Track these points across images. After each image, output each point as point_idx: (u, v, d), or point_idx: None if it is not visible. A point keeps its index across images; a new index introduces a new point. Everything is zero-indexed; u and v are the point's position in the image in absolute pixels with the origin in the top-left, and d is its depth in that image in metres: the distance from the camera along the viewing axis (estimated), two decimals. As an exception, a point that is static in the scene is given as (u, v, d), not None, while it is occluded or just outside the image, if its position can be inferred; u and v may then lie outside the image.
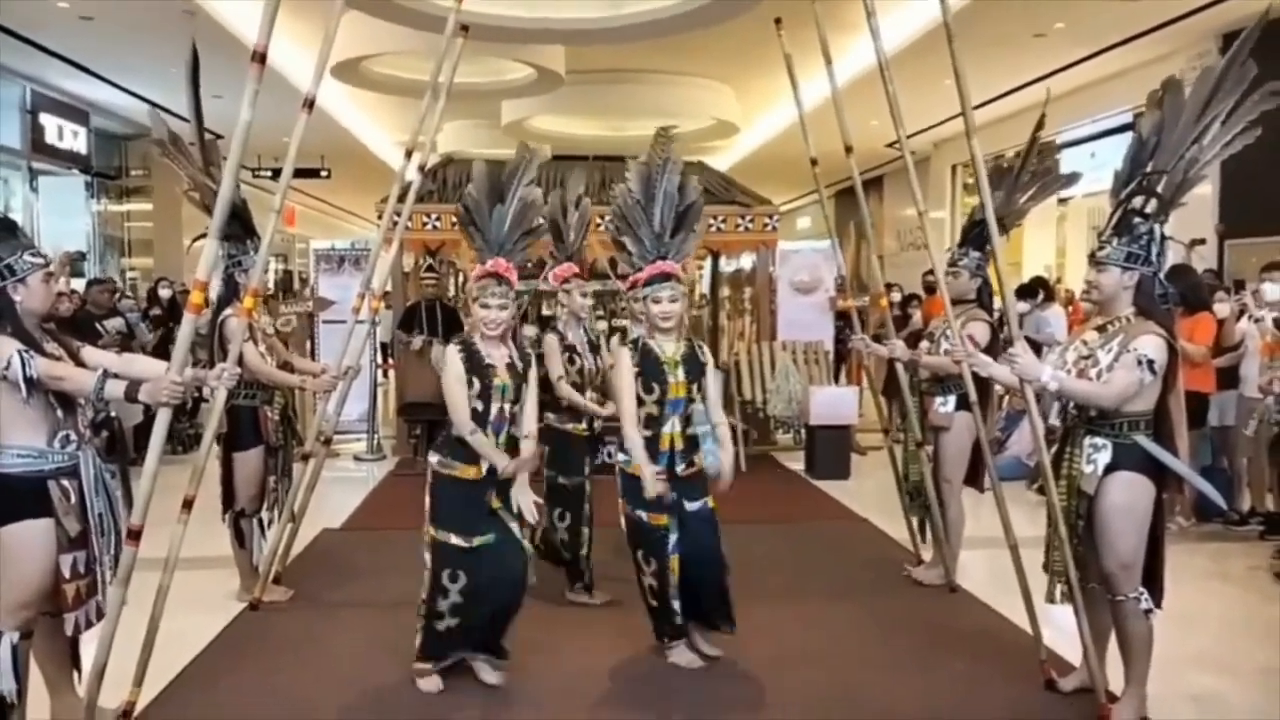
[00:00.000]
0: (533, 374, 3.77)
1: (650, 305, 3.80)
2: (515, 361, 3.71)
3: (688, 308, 3.86)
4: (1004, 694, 3.73)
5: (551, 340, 4.73)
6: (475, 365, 3.61)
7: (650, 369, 3.79)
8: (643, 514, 3.80)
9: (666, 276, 3.82)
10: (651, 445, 3.76)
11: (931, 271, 10.45)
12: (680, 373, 3.82)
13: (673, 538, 3.79)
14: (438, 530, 3.64)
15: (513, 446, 3.70)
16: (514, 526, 3.67)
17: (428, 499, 3.68)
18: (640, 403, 3.77)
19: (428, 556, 3.66)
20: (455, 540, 3.60)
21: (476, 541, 3.61)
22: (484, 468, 3.60)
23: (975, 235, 4.75)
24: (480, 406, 3.60)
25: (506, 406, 3.66)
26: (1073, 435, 3.46)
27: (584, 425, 4.77)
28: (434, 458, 3.69)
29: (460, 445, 3.61)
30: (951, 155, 15.21)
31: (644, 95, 12.36)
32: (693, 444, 3.85)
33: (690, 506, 3.83)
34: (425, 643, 3.72)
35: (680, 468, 3.82)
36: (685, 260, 4.03)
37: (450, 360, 3.63)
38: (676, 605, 3.83)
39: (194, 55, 3.76)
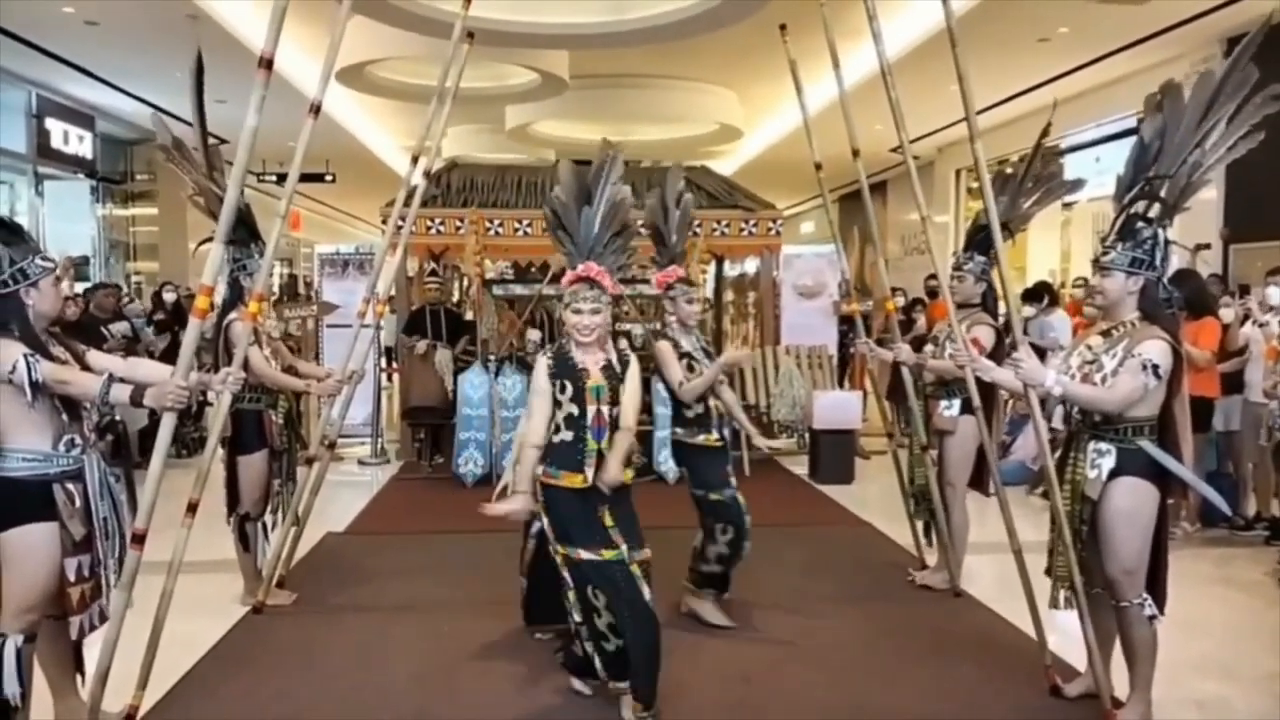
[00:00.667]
0: (632, 374, 3.62)
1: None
2: (613, 364, 3.58)
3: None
4: (1009, 700, 3.72)
5: (665, 347, 4.49)
6: (566, 370, 3.50)
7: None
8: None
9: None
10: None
11: (934, 276, 10.47)
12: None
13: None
14: (565, 546, 3.49)
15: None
16: (623, 549, 3.45)
17: (545, 518, 3.54)
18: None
19: (566, 576, 3.50)
20: (585, 554, 3.44)
21: (606, 555, 3.43)
22: (588, 475, 3.46)
23: (980, 240, 4.74)
24: (576, 410, 3.48)
25: (605, 409, 3.51)
26: (1077, 440, 3.45)
27: (715, 435, 4.50)
28: (539, 469, 3.54)
29: (562, 452, 3.50)
30: (955, 160, 15.21)
31: (647, 100, 12.38)
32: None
33: None
34: (604, 667, 3.53)
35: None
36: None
37: (537, 372, 3.56)
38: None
39: (199, 61, 3.77)
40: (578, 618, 3.52)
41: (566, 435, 3.51)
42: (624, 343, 3.81)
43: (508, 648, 4.21)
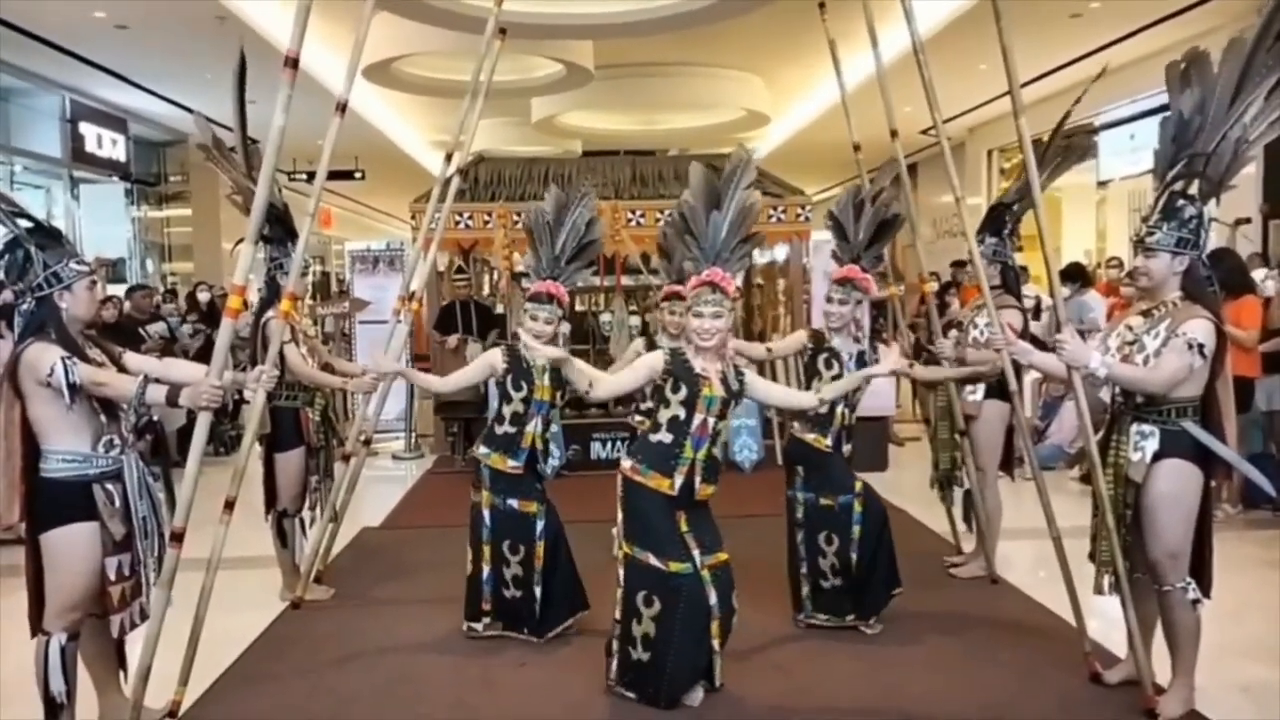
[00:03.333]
0: (752, 381, 3.57)
1: (528, 319, 4.03)
2: (730, 378, 3.52)
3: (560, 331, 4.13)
4: (1048, 686, 3.68)
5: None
6: (684, 372, 3.46)
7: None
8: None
9: (550, 298, 4.03)
10: (514, 441, 4.11)
11: (959, 262, 10.36)
12: (546, 378, 4.11)
13: (540, 524, 4.15)
14: (633, 547, 3.47)
15: (710, 471, 3.51)
16: (697, 555, 3.45)
17: (620, 511, 3.52)
18: (508, 400, 4.11)
19: (621, 573, 3.50)
20: (653, 561, 3.43)
21: (674, 567, 3.42)
22: (678, 483, 3.43)
23: (993, 221, 4.70)
24: (683, 414, 3.45)
25: (711, 420, 3.46)
26: (1119, 423, 3.40)
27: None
28: (627, 462, 3.51)
29: (657, 452, 3.47)
30: (987, 140, 15.01)
31: (673, 88, 12.31)
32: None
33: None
34: (619, 669, 3.58)
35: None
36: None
37: (653, 355, 3.57)
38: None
39: (242, 62, 3.80)
40: (618, 614, 3.53)
41: (665, 437, 3.48)
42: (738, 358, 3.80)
43: (545, 641, 4.22)
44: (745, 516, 5.23)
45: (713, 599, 3.44)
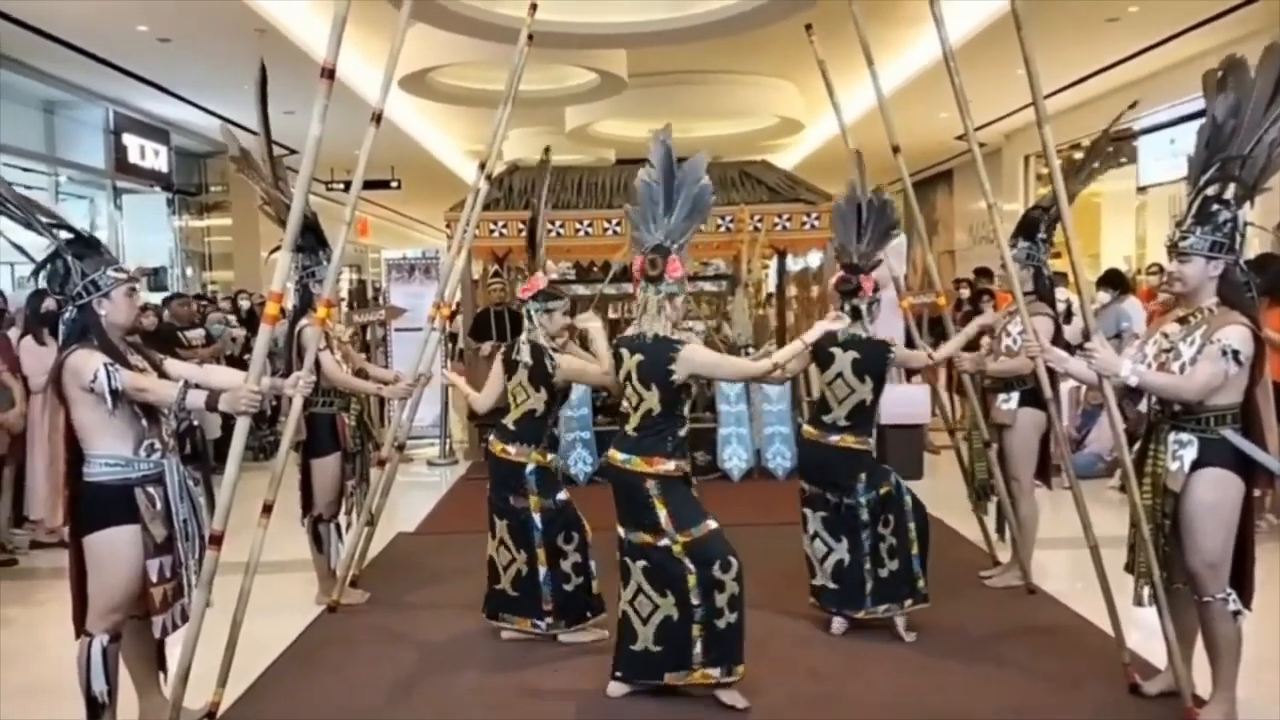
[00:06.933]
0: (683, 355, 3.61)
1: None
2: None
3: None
4: (1087, 697, 3.64)
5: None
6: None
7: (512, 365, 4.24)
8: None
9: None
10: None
11: (982, 270, 10.25)
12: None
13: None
14: (693, 528, 3.57)
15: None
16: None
17: (663, 509, 3.56)
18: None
19: (689, 562, 3.54)
20: (712, 524, 3.59)
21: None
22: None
23: (1026, 225, 4.68)
24: None
25: None
26: (1156, 432, 3.35)
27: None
28: (669, 464, 3.59)
29: (684, 443, 3.67)
30: (1024, 146, 14.86)
31: (707, 96, 12.32)
32: None
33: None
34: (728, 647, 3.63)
35: None
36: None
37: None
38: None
39: (262, 73, 3.85)
40: (695, 600, 3.55)
41: (687, 428, 3.71)
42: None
43: (580, 644, 4.23)
44: (779, 524, 5.22)
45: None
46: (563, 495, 4.24)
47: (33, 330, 5.88)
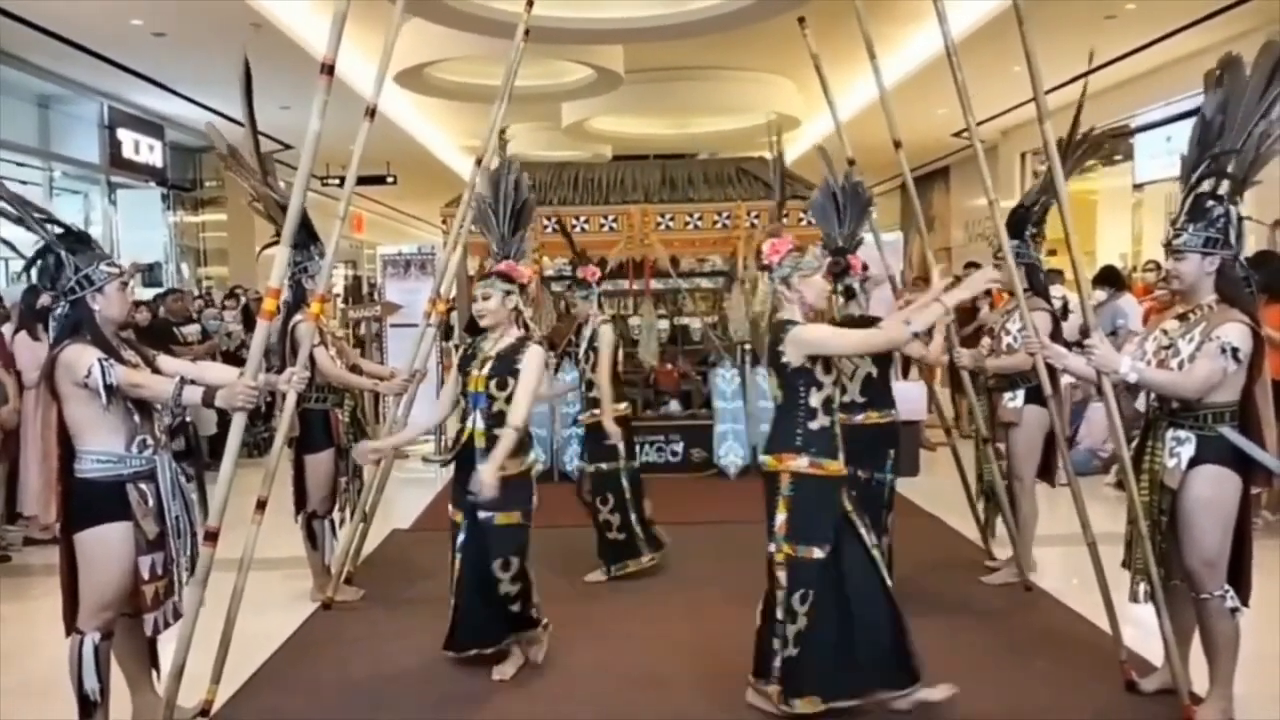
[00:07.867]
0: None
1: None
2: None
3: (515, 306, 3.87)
4: (1083, 695, 3.64)
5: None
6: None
7: (464, 361, 3.86)
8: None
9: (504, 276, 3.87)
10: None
11: (973, 264, 10.24)
12: (486, 368, 3.77)
13: (461, 537, 3.83)
14: (799, 545, 3.32)
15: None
16: (863, 532, 3.37)
17: (784, 512, 3.36)
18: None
19: (783, 577, 3.34)
20: (818, 554, 3.30)
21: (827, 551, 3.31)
22: (843, 459, 3.40)
23: (1016, 222, 4.68)
24: (837, 393, 3.47)
25: None
26: (1154, 428, 3.35)
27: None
28: (801, 460, 3.34)
29: (823, 439, 3.37)
30: (1021, 143, 14.85)
31: (703, 92, 12.30)
32: (493, 444, 3.70)
33: (481, 515, 3.74)
34: (788, 675, 3.34)
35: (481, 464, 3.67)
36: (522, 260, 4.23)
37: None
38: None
39: (246, 69, 3.83)
40: (779, 615, 3.35)
41: (824, 420, 3.39)
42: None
43: (575, 640, 4.22)
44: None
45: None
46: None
47: (27, 325, 5.86)
